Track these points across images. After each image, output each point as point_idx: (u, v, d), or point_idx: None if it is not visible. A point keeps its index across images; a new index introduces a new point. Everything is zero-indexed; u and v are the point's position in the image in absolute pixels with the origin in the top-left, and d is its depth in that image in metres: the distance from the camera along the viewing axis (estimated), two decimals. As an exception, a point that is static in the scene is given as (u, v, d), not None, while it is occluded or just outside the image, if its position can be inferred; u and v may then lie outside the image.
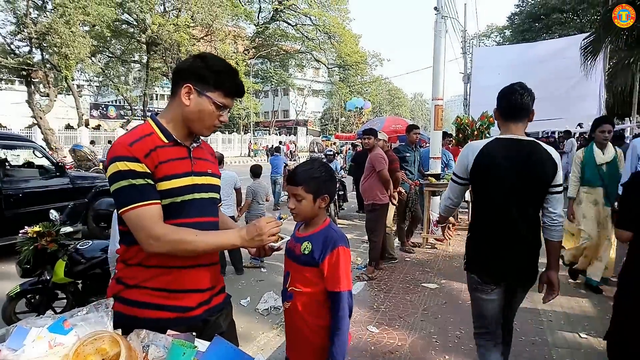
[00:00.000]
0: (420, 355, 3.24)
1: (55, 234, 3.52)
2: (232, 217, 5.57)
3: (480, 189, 2.28)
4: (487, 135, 9.73)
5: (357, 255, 6.18)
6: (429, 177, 6.51)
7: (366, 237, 5.50)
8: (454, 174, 2.39)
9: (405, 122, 13.96)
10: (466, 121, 9.39)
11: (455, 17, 17.49)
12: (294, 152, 28.13)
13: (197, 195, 1.54)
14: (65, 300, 3.75)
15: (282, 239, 1.61)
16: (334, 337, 1.66)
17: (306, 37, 38.66)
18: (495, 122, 2.41)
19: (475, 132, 9.60)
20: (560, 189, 2.20)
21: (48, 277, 3.60)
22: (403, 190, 5.93)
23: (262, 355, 3.36)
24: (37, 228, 3.48)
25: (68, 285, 3.66)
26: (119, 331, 1.30)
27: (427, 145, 7.52)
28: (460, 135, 9.36)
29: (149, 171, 1.41)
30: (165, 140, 1.50)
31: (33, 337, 1.23)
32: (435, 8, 7.36)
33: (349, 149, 22.84)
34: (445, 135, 8.23)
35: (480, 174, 2.22)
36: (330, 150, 10.71)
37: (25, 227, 3.53)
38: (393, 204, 5.48)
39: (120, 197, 1.40)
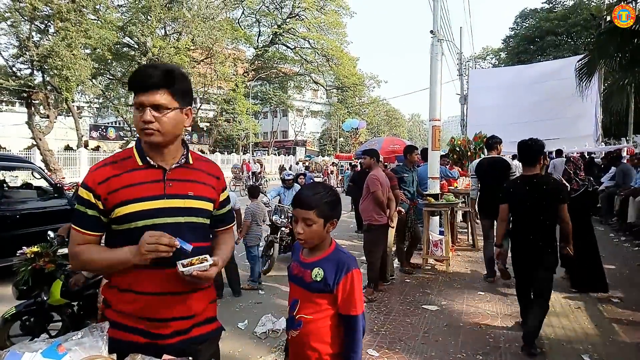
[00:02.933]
0: (421, 379, 3.17)
1: (52, 255, 3.52)
2: None
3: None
4: (482, 154, 9.80)
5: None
6: (428, 197, 6.51)
7: (364, 258, 5.46)
8: None
9: (403, 142, 14.07)
10: (459, 142, 9.46)
11: (451, 39, 17.80)
12: (259, 173, 23.41)
13: (160, 220, 1.46)
14: (60, 323, 3.69)
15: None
16: (350, 355, 1.65)
17: (305, 59, 39.25)
18: None
19: (470, 153, 9.68)
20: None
21: (45, 299, 3.55)
22: (403, 210, 5.92)
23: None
24: (34, 248, 3.49)
25: (64, 307, 3.60)
26: (114, 356, 1.28)
27: (423, 162, 7.54)
28: (455, 156, 9.42)
29: (95, 201, 1.47)
30: (140, 163, 1.51)
31: (26, 362, 1.20)
32: (432, 31, 7.49)
33: (347, 168, 22.90)
34: (441, 156, 8.29)
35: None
36: (290, 174, 7.51)
37: (23, 247, 3.54)
38: (391, 226, 5.46)
39: (73, 216, 1.54)
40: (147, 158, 1.51)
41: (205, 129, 38.18)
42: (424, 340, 3.85)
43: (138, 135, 1.54)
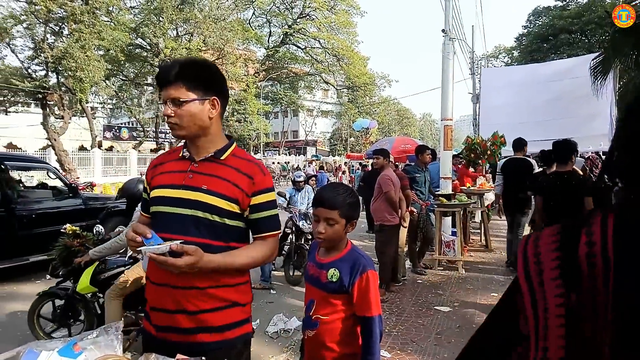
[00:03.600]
0: (433, 381, 3.15)
1: (85, 240, 3.80)
2: None
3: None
4: (499, 155, 9.67)
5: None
6: (440, 198, 6.46)
7: (376, 259, 5.44)
8: None
9: (414, 142, 13.99)
10: (477, 141, 9.33)
11: (463, 38, 17.65)
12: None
13: (170, 209, 1.51)
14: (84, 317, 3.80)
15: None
16: (368, 356, 1.64)
17: (315, 59, 39.26)
18: (506, 142, 3.00)
19: (488, 152, 9.55)
20: None
21: (74, 287, 3.70)
22: (415, 210, 5.89)
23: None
24: (74, 227, 3.90)
25: (89, 301, 3.74)
26: (129, 355, 1.29)
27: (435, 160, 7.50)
28: (472, 155, 9.30)
29: (146, 186, 1.67)
30: (180, 154, 1.61)
31: (43, 360, 1.22)
32: (443, 30, 7.44)
33: (358, 168, 22.85)
34: (453, 156, 8.22)
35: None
36: (300, 176, 6.83)
37: (67, 224, 3.96)
38: (403, 226, 5.44)
39: None
40: (184, 149, 1.60)
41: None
42: (437, 342, 3.83)
43: None
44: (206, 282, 1.48)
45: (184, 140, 1.61)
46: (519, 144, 6.43)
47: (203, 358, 1.34)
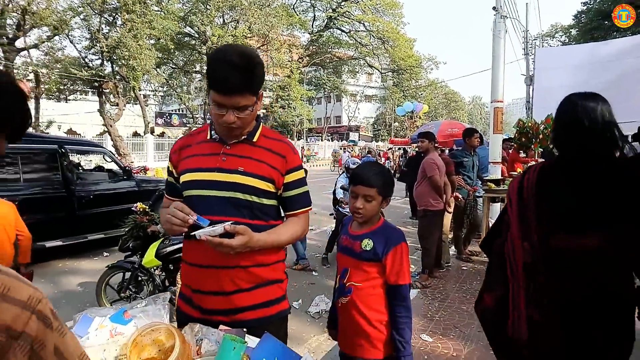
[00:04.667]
0: (477, 367, 3.09)
1: (152, 216, 4.13)
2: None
3: None
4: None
5: (410, 263, 6.03)
6: (488, 183, 6.23)
7: (419, 245, 5.35)
8: None
9: (461, 125, 13.54)
10: (529, 124, 8.91)
11: (515, 17, 16.73)
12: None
13: (208, 192, 1.52)
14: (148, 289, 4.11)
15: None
16: (401, 324, 1.72)
17: (360, 43, 38.70)
18: None
19: (540, 136, 9.07)
20: None
21: (139, 261, 4.01)
22: (460, 196, 5.72)
23: (315, 357, 3.35)
24: (144, 205, 4.20)
25: (153, 275, 4.03)
26: (175, 324, 1.35)
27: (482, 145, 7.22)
28: (523, 139, 8.89)
29: (172, 169, 1.67)
30: (208, 137, 1.60)
31: (96, 325, 1.30)
32: (494, 8, 7.09)
33: (401, 155, 22.47)
34: (504, 140, 7.87)
35: None
36: (355, 162, 6.69)
37: (138, 202, 4.28)
38: (448, 211, 5.30)
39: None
40: (213, 132, 1.59)
41: (261, 115, 38.94)
42: (480, 329, 3.72)
43: None
44: (248, 261, 1.52)
45: (210, 122, 1.63)
46: None
47: (244, 329, 1.38)
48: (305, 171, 1.73)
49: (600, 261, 1.55)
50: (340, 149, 29.62)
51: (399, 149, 24.98)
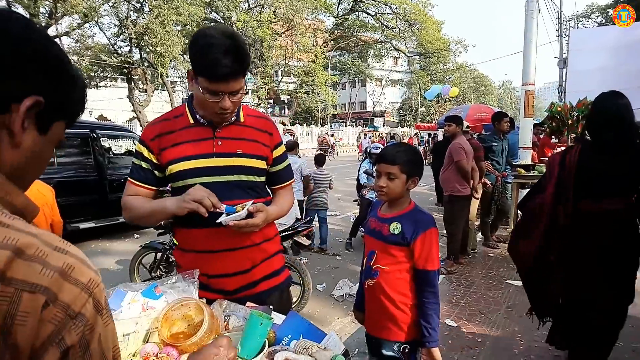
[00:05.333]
0: (502, 353, 3.06)
1: None
2: (300, 201, 5.71)
3: None
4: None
5: (437, 249, 5.98)
6: (518, 168, 6.06)
7: (445, 231, 5.29)
8: None
9: (490, 109, 13.21)
10: (557, 109, 8.62)
11: (550, -4, 16.05)
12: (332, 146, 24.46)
13: (210, 179, 1.49)
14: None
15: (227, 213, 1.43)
16: (428, 310, 1.71)
17: (386, 26, 37.97)
18: None
19: (570, 121, 8.75)
20: None
21: (170, 240, 4.11)
22: (488, 182, 5.60)
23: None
24: None
25: None
26: (204, 300, 1.38)
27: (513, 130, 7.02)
28: (554, 124, 8.60)
29: (149, 155, 1.54)
30: (191, 121, 1.53)
31: (129, 299, 1.35)
32: (527, -14, 6.80)
33: (427, 141, 22.12)
34: (535, 125, 7.62)
35: None
36: (377, 147, 6.45)
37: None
38: (475, 197, 5.21)
39: (130, 170, 1.61)
40: (198, 116, 1.52)
41: (285, 101, 38.98)
42: (507, 315, 3.69)
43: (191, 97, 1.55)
44: (259, 238, 1.59)
45: (185, 106, 1.57)
46: None
47: (271, 307, 1.40)
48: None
49: (615, 220, 2.31)
50: (361, 134, 29.19)
51: (428, 134, 24.58)
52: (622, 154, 2.29)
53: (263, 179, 1.63)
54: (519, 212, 6.11)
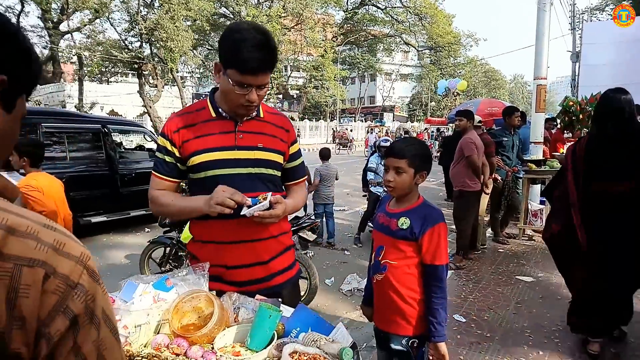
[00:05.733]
0: (510, 349, 3.05)
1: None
2: None
3: None
4: (598, 119, 8.71)
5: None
6: (529, 164, 6.01)
7: (454, 226, 5.27)
8: None
9: (501, 104, 13.06)
10: (570, 103, 8.48)
11: (563, -12, 15.77)
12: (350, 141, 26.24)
13: (232, 170, 1.53)
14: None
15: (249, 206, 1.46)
16: (435, 305, 1.71)
17: (396, 20, 37.67)
18: None
19: (582, 116, 8.63)
20: None
21: (178, 236, 4.14)
22: (499, 177, 5.55)
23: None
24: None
25: None
26: (214, 292, 1.40)
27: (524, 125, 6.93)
28: (567, 118, 8.48)
29: (172, 148, 1.57)
30: (214, 114, 1.57)
31: (140, 291, 1.37)
32: (540, -22, 6.69)
33: (436, 136, 21.98)
34: (547, 120, 7.53)
35: None
36: (387, 140, 6.40)
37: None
38: (485, 192, 5.17)
39: (154, 163, 1.64)
40: (220, 110, 1.56)
41: (295, 96, 38.95)
42: (516, 310, 3.68)
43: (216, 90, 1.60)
44: (276, 231, 1.63)
45: (207, 100, 1.61)
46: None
47: (279, 299, 1.42)
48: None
49: (622, 201, 2.65)
50: (370, 131, 28.63)
51: (437, 129, 24.40)
52: (627, 143, 2.64)
53: (279, 173, 1.67)
54: (530, 208, 6.09)
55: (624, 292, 2.83)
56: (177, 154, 1.57)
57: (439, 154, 12.59)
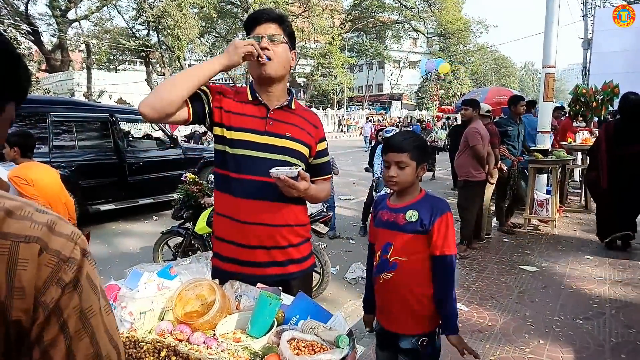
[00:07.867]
0: (511, 337, 3.08)
1: (202, 185, 4.26)
2: None
3: None
4: (609, 107, 8.58)
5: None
6: (535, 153, 5.97)
7: (458, 216, 5.27)
8: None
9: (510, 92, 12.93)
10: (582, 91, 8.35)
11: (576, -27, 15.41)
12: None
13: (260, 154, 1.57)
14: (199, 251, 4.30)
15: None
16: (445, 298, 1.70)
17: (404, 6, 37.18)
18: (620, 93, 3.53)
19: (594, 104, 8.50)
20: None
21: (192, 227, 4.18)
22: (504, 167, 5.54)
23: (349, 320, 3.46)
24: (193, 175, 4.30)
25: (205, 237, 4.18)
26: (217, 281, 1.45)
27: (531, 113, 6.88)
28: (577, 107, 8.36)
29: (211, 97, 1.59)
30: (250, 98, 1.63)
31: (145, 279, 1.42)
32: (551, -36, 6.56)
33: (447, 123, 21.78)
34: (556, 108, 7.46)
35: None
36: (391, 130, 6.33)
37: (187, 173, 4.40)
38: (490, 182, 5.16)
39: None
40: (256, 94, 1.63)
41: (302, 84, 38.76)
42: (519, 300, 3.70)
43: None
44: (293, 221, 1.67)
45: (247, 86, 1.67)
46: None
47: (280, 288, 1.46)
48: None
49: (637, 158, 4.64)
50: (367, 120, 26.62)
51: (447, 117, 24.09)
52: None
53: (303, 165, 1.67)
54: (535, 196, 6.07)
55: (630, 212, 4.86)
56: (211, 102, 1.59)
57: (447, 143, 12.52)
